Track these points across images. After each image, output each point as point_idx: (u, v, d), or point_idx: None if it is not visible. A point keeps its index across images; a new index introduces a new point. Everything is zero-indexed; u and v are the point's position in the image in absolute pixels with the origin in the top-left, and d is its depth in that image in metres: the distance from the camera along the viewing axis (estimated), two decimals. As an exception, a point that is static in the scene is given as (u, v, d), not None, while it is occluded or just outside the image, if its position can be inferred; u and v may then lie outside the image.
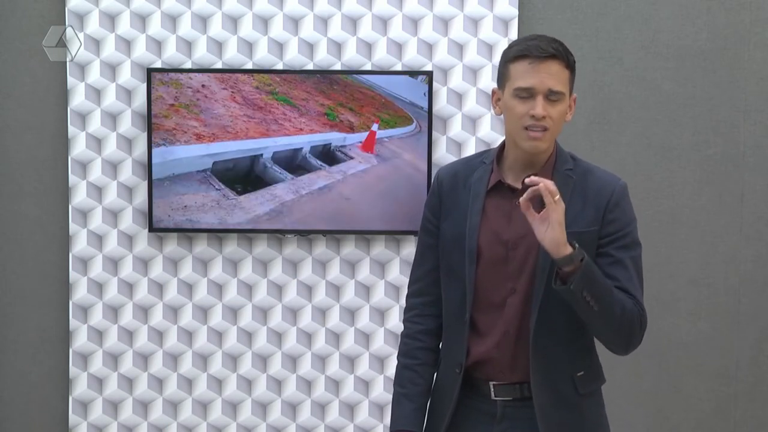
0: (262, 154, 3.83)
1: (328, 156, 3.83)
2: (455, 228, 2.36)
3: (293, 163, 3.84)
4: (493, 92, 2.35)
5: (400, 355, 2.49)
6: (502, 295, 2.31)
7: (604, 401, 2.46)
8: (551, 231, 2.15)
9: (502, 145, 2.38)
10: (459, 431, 2.39)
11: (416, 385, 2.44)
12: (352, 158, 3.83)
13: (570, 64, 2.27)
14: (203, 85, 3.81)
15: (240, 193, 3.84)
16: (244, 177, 3.84)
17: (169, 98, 3.81)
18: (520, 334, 2.30)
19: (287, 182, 3.84)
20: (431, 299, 2.45)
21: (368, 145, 3.81)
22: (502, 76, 2.31)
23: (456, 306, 2.37)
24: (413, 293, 2.50)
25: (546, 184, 2.14)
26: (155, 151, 3.82)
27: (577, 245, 2.17)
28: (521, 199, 2.17)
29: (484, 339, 2.33)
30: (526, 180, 2.18)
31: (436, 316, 2.45)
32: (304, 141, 3.82)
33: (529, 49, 2.24)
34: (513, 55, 2.27)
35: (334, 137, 3.82)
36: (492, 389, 2.34)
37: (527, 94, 2.23)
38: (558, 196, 2.14)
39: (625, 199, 2.33)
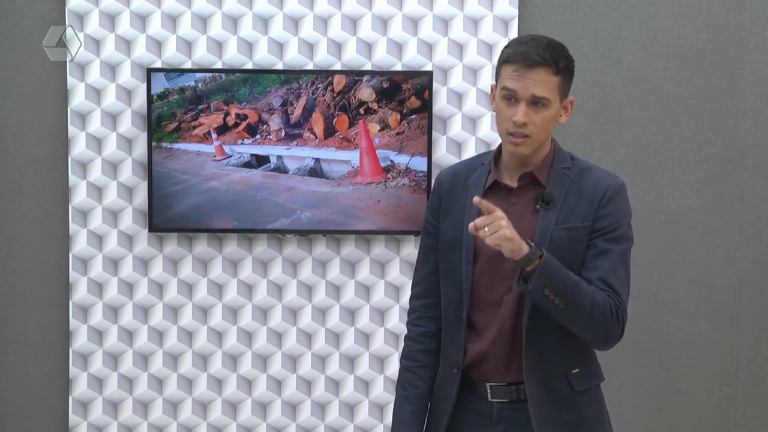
0: (263, 155, 3.83)
1: (328, 156, 3.83)
2: (454, 228, 2.38)
3: (294, 164, 3.84)
4: (492, 88, 2.38)
5: (402, 357, 2.50)
6: (498, 293, 2.32)
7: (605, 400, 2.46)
8: (502, 247, 2.17)
9: (501, 146, 2.40)
10: (457, 431, 2.39)
11: (416, 388, 2.45)
12: (350, 160, 3.83)
13: (560, 70, 2.26)
14: (203, 86, 3.81)
15: (241, 194, 3.84)
16: (244, 177, 3.84)
17: (169, 98, 3.81)
18: (515, 332, 2.31)
19: (288, 183, 3.84)
20: (432, 301, 2.46)
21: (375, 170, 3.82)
22: (496, 74, 2.35)
23: (454, 305, 2.38)
24: (415, 296, 2.51)
25: (484, 204, 2.19)
26: (155, 151, 3.82)
27: (533, 244, 2.18)
28: (470, 225, 2.20)
29: (481, 337, 2.34)
30: (474, 201, 2.22)
31: (437, 319, 2.45)
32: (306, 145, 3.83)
33: (515, 55, 2.26)
34: (503, 58, 2.30)
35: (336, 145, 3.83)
36: (488, 390, 2.35)
37: (511, 96, 2.26)
38: (496, 212, 2.17)
39: (620, 197, 2.32)
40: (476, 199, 2.21)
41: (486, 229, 2.17)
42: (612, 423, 2.46)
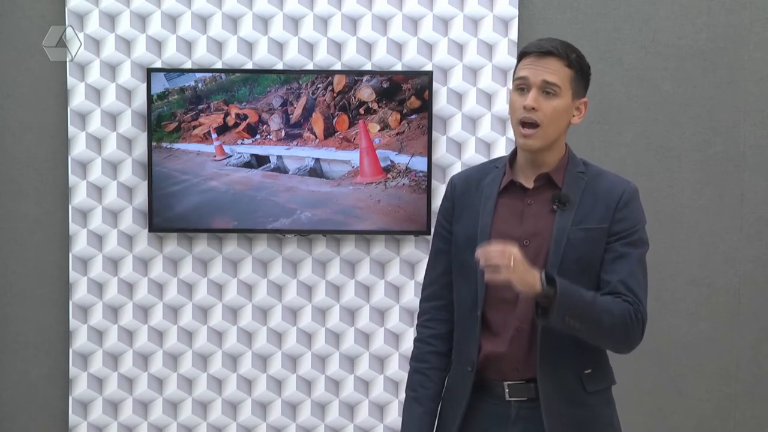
0: (263, 155, 3.84)
1: (329, 156, 3.83)
2: (468, 228, 2.39)
3: (294, 164, 3.84)
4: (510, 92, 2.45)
5: (412, 360, 2.50)
6: (514, 291, 2.30)
7: None
8: (516, 288, 2.18)
9: (516, 149, 2.43)
10: None
11: (426, 389, 2.45)
12: (350, 160, 3.83)
13: (572, 63, 2.32)
14: (203, 86, 3.81)
15: (241, 194, 3.84)
16: (244, 177, 3.84)
17: (169, 98, 3.81)
18: (533, 330, 2.32)
19: (288, 183, 3.84)
20: (443, 303, 2.47)
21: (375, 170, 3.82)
22: (513, 75, 2.40)
23: (468, 304, 2.38)
24: (425, 298, 2.52)
25: (485, 257, 2.16)
26: (155, 151, 3.82)
27: (545, 280, 2.19)
28: (486, 278, 2.20)
29: (497, 336, 2.34)
30: (481, 264, 2.20)
31: (448, 321, 2.46)
32: (306, 146, 3.83)
33: (530, 47, 2.34)
34: (518, 55, 2.38)
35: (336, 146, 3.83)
36: (506, 390, 2.35)
37: (523, 84, 2.31)
38: (508, 257, 2.15)
39: (635, 201, 2.37)
40: (478, 254, 2.20)
41: (507, 261, 2.15)
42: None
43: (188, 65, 3.87)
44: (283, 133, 3.84)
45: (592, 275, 2.30)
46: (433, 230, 2.55)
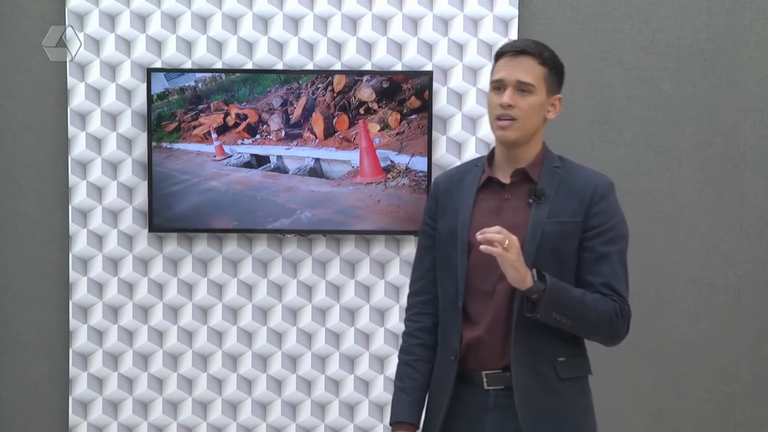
0: (263, 155, 3.84)
1: (329, 156, 3.83)
2: (450, 224, 2.47)
3: (294, 164, 3.84)
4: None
5: (400, 353, 2.58)
6: (491, 282, 2.39)
7: (601, 399, 2.50)
8: (507, 274, 2.28)
9: (494, 148, 2.50)
10: (455, 423, 2.45)
11: (413, 380, 2.52)
12: (350, 160, 3.83)
13: (545, 61, 2.40)
14: (203, 86, 3.81)
15: (241, 194, 3.84)
16: (244, 177, 3.84)
17: (169, 98, 3.81)
18: (508, 319, 2.39)
19: (288, 183, 3.84)
20: (429, 298, 2.54)
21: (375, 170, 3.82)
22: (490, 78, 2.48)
23: (450, 296, 2.46)
24: (413, 293, 2.59)
25: (485, 237, 2.25)
26: (155, 151, 3.82)
27: (536, 276, 2.29)
28: (479, 236, 2.27)
29: (476, 325, 2.41)
30: (478, 237, 2.28)
31: (434, 314, 2.53)
32: (306, 146, 3.83)
33: (504, 47, 2.45)
34: (494, 56, 2.47)
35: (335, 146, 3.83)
36: (484, 379, 2.41)
37: (500, 85, 2.40)
38: (507, 242, 2.24)
39: (611, 195, 2.43)
40: (478, 236, 2.28)
41: (505, 245, 2.24)
42: (612, 423, 2.49)
43: (188, 65, 3.87)
44: (283, 133, 3.84)
45: (567, 267, 2.38)
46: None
